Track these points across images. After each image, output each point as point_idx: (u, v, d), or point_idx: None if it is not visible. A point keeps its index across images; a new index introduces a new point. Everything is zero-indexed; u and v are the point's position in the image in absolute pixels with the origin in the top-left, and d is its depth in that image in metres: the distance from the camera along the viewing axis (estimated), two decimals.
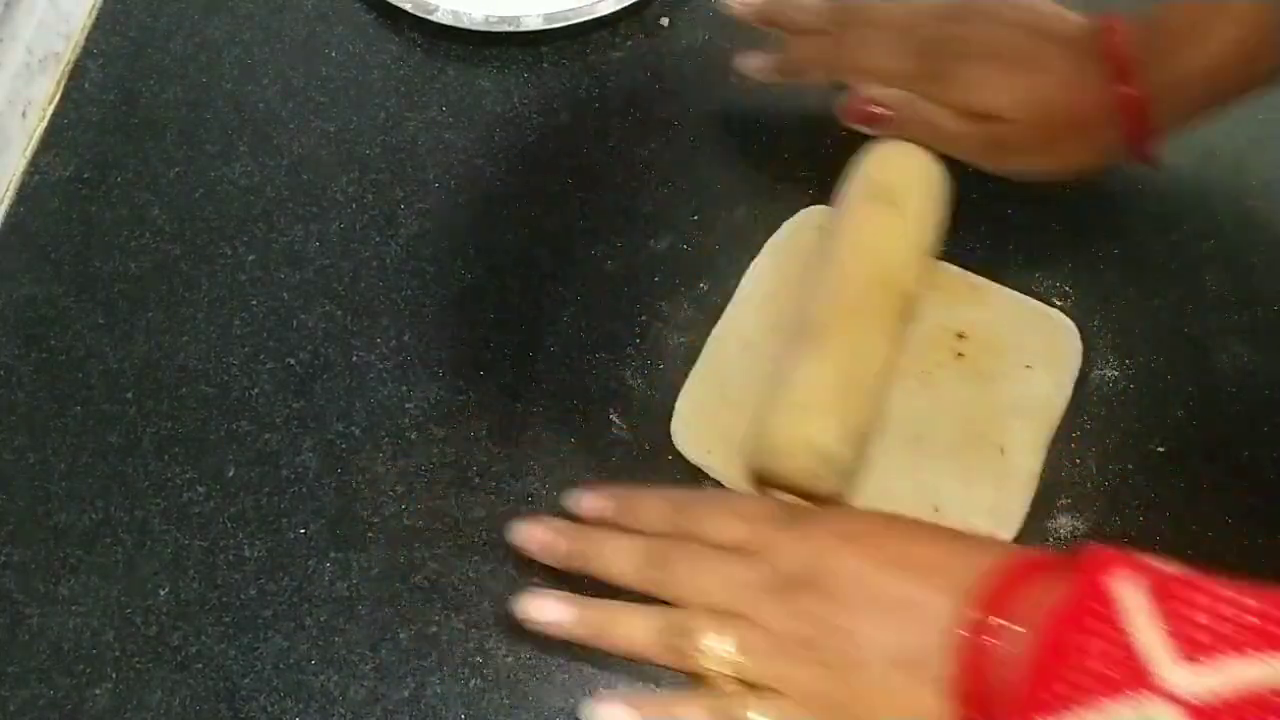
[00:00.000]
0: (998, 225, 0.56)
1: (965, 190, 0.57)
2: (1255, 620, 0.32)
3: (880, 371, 0.48)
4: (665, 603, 0.41)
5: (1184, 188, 0.57)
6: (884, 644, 0.38)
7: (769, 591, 0.39)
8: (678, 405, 0.52)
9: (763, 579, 0.40)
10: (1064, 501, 0.50)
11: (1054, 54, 0.49)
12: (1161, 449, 0.51)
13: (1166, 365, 0.53)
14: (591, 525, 0.44)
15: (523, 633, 0.49)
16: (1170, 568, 0.35)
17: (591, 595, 0.42)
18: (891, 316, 0.49)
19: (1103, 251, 0.56)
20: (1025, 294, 0.54)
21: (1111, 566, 0.34)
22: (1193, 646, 0.32)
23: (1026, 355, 0.52)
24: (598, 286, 0.57)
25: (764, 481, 0.48)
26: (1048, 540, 0.50)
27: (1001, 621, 0.36)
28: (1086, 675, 0.32)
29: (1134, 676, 0.32)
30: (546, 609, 0.42)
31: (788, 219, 0.56)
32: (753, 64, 0.56)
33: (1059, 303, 0.54)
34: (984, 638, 0.36)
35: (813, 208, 0.56)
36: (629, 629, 0.41)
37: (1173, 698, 0.31)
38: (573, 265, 0.57)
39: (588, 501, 0.45)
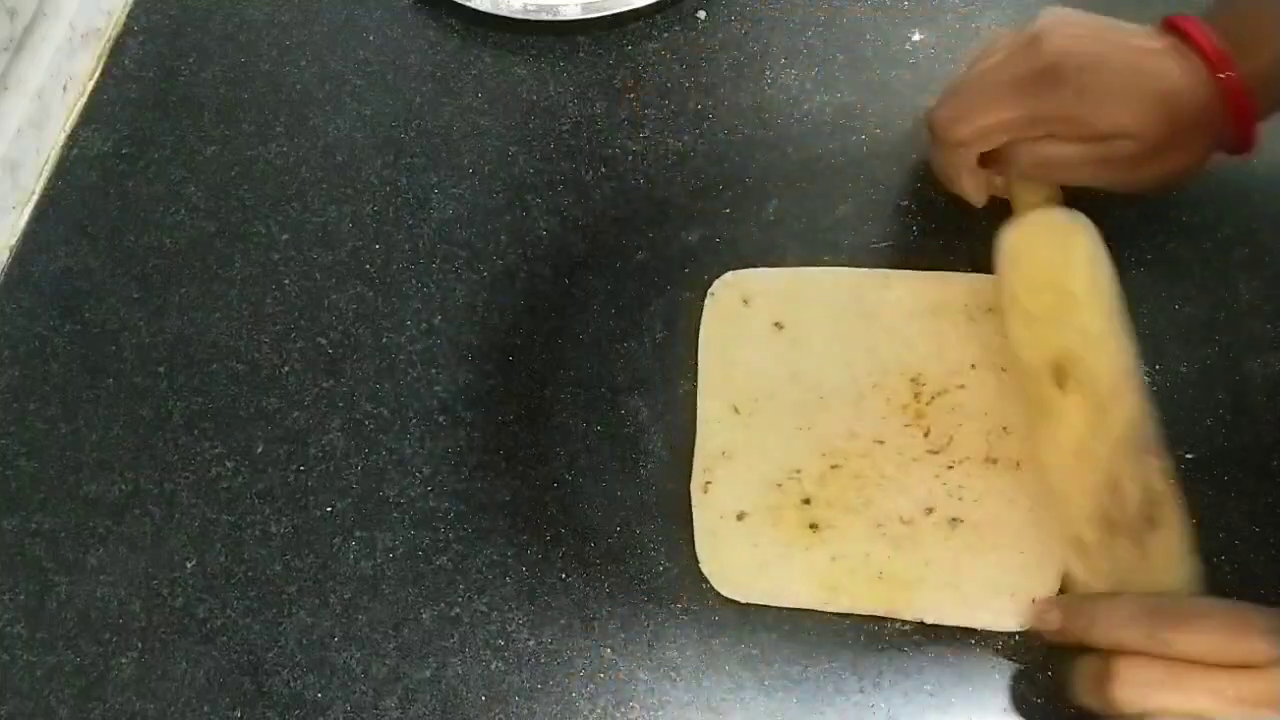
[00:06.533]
0: None
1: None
2: None
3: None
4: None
5: (1218, 194, 0.57)
6: None
7: None
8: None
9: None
10: None
11: (1152, 60, 0.49)
12: (1190, 455, 0.51)
13: (1197, 372, 0.53)
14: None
15: (544, 616, 0.50)
16: None
17: None
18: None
19: (1135, 256, 0.55)
20: None
21: None
22: None
23: None
24: (628, 276, 0.57)
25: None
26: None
27: None
28: None
29: None
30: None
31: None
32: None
33: None
34: None
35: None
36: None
37: None
38: (603, 254, 0.58)
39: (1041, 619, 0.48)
